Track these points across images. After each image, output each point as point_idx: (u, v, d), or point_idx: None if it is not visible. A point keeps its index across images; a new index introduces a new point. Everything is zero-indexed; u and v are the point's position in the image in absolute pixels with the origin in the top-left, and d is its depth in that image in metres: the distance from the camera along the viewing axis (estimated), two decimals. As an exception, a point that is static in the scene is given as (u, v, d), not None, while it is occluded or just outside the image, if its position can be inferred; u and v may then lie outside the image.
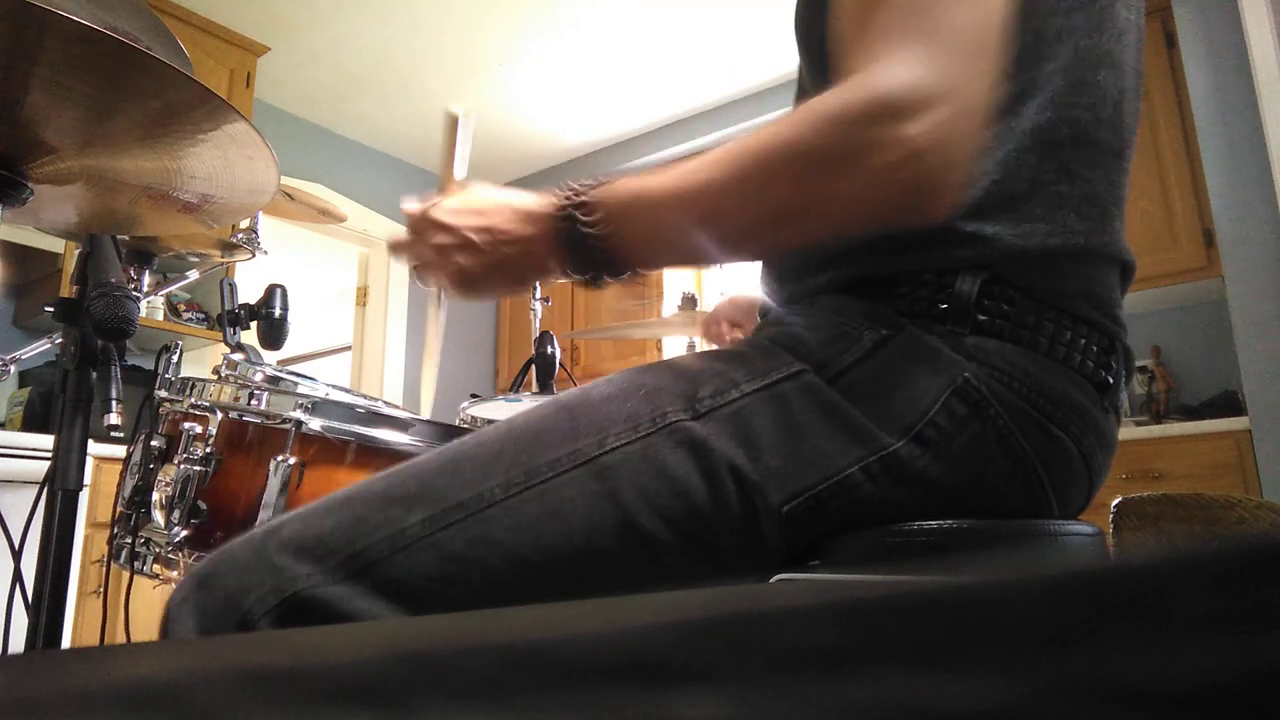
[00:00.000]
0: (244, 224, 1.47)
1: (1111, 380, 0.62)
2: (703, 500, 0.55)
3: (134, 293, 0.93)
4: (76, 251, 1.01)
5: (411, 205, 0.68)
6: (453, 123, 0.74)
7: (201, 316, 3.28)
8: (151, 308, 3.06)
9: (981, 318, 0.58)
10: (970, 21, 0.51)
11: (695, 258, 0.60)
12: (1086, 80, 0.61)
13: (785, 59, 3.63)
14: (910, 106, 0.48)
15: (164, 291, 2.89)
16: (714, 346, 1.13)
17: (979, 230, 0.59)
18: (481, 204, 0.64)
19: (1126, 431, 2.46)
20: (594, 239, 0.58)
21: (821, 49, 0.65)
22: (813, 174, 0.52)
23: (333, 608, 0.51)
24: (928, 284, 0.59)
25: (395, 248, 0.69)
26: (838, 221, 0.54)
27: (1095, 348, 0.61)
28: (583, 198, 0.59)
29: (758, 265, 0.75)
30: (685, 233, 0.57)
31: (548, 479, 0.55)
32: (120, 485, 1.09)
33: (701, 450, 0.55)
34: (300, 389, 1.03)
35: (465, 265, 0.64)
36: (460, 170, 0.75)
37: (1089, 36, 0.62)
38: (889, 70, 0.50)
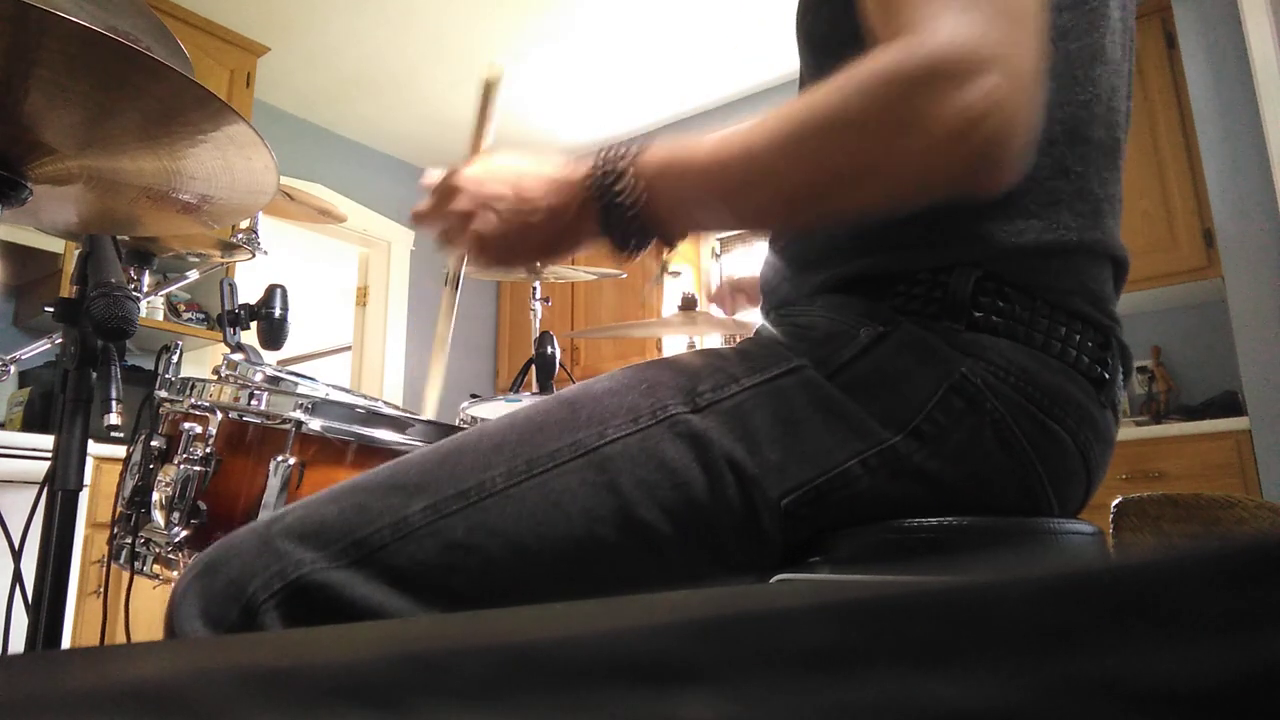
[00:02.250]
0: (244, 224, 1.47)
1: (1107, 375, 0.62)
2: (701, 492, 0.55)
3: (134, 293, 0.93)
4: (76, 251, 1.01)
5: (434, 175, 0.67)
6: (490, 85, 0.72)
7: (201, 316, 3.28)
8: (151, 308, 3.06)
9: (977, 314, 0.58)
10: None
11: (734, 224, 0.60)
12: (1079, 77, 0.61)
13: (785, 59, 3.63)
14: (966, 70, 0.47)
15: (164, 291, 2.89)
16: (719, 329, 1.13)
17: (973, 227, 0.59)
18: (506, 171, 0.63)
19: (1126, 431, 2.46)
20: (628, 208, 0.57)
21: (823, 42, 0.65)
22: (867, 141, 0.50)
23: (336, 593, 0.52)
24: (923, 281, 0.59)
25: (418, 216, 0.68)
26: (890, 190, 0.52)
27: (1090, 343, 0.61)
28: (615, 166, 0.58)
29: (757, 265, 0.75)
30: (724, 200, 0.56)
31: (548, 469, 0.55)
32: (120, 485, 1.09)
33: (700, 443, 0.56)
34: (300, 389, 1.03)
35: (487, 233, 0.62)
36: (488, 138, 0.73)
37: (1083, 35, 0.62)
38: (939, 32, 0.48)
